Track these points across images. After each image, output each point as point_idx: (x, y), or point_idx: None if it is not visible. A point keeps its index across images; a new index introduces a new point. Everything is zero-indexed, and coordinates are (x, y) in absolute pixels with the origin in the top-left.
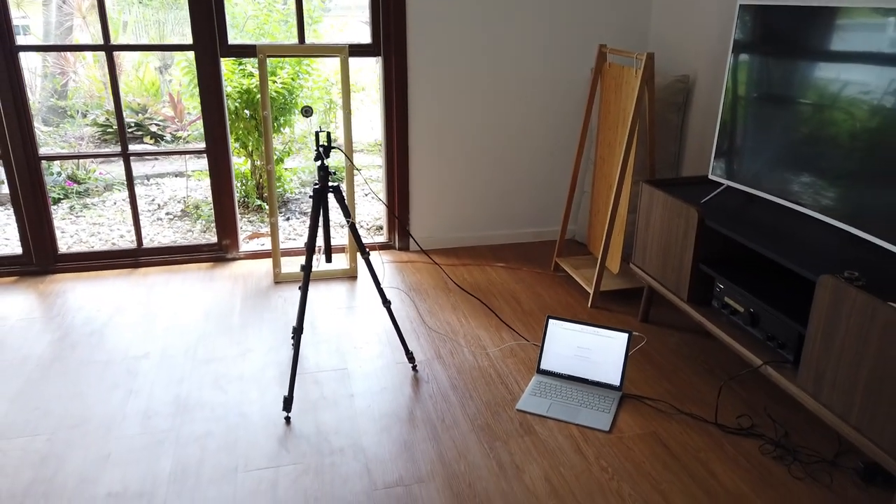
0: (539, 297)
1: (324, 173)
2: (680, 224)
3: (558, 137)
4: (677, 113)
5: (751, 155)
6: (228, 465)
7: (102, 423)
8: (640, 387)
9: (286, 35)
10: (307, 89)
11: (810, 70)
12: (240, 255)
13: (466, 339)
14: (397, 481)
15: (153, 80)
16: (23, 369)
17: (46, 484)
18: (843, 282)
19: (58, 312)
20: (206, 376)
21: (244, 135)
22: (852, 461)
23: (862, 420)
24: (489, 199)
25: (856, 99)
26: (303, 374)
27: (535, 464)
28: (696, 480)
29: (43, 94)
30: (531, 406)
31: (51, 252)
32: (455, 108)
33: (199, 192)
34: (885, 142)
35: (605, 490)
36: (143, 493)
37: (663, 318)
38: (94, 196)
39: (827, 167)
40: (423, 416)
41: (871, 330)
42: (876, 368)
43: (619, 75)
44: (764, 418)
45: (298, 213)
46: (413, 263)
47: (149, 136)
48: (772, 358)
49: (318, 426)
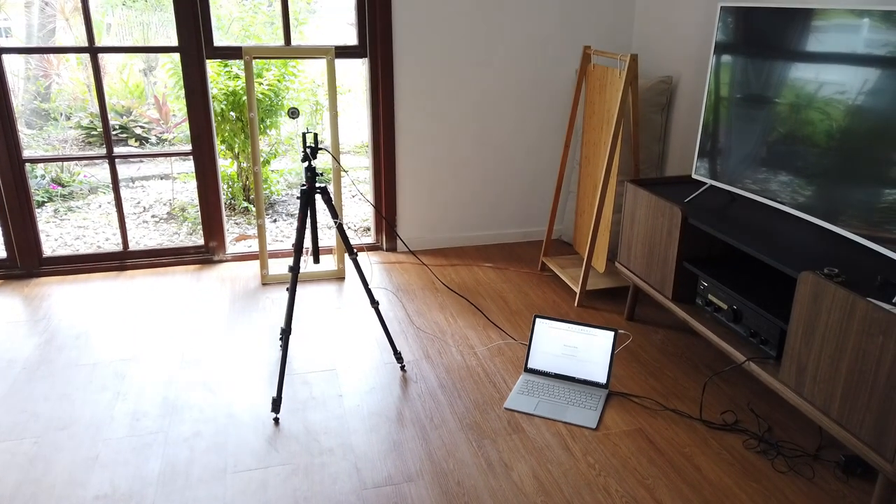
0: (526, 296)
1: (311, 174)
2: (664, 223)
3: (544, 138)
4: (660, 113)
5: (733, 154)
6: (218, 466)
7: (90, 425)
8: (627, 384)
9: (272, 37)
10: (293, 91)
11: (789, 70)
12: (227, 257)
13: (454, 339)
14: (386, 480)
15: (137, 82)
16: (9, 372)
17: (34, 485)
18: (823, 278)
19: (43, 315)
20: (194, 378)
21: (230, 136)
22: (834, 455)
23: (842, 413)
24: (476, 200)
25: (832, 99)
26: (291, 374)
27: (524, 461)
28: (681, 475)
29: (26, 96)
30: (519, 404)
31: (36, 255)
32: (441, 110)
33: (184, 194)
34: (861, 140)
35: (592, 486)
36: (132, 494)
37: (648, 317)
38: (78, 199)
39: (806, 166)
40: (412, 415)
41: (850, 325)
42: (855, 362)
43: (603, 76)
44: (748, 414)
45: (285, 214)
46: (401, 264)
47: (133, 138)
48: (755, 354)
49: (307, 426)
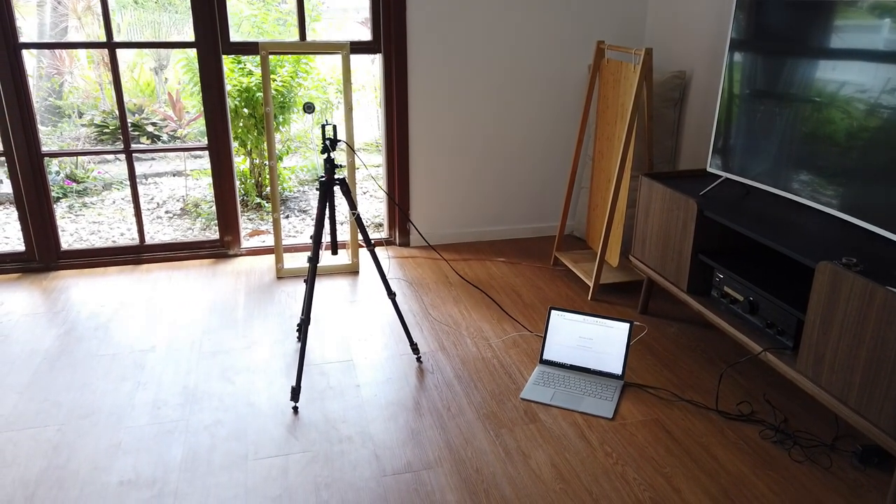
0: (539, 290)
1: (330, 166)
2: (679, 216)
3: (557, 133)
4: (674, 108)
5: (748, 147)
6: (239, 453)
7: (112, 413)
8: (642, 376)
9: (284, 34)
10: (305, 88)
11: (806, 65)
12: (241, 251)
13: (469, 331)
14: (406, 467)
15: (148, 80)
16: (31, 363)
17: (59, 471)
18: (841, 267)
19: (62, 308)
20: (213, 368)
21: (244, 133)
22: (851, 445)
23: (860, 401)
24: (488, 195)
25: (852, 90)
26: (309, 365)
27: (541, 450)
28: (698, 464)
29: (40, 94)
30: (535, 395)
31: (53, 249)
32: (455, 105)
33: (197, 190)
34: (881, 134)
35: (609, 474)
36: (156, 479)
37: (662, 310)
38: (92, 195)
39: (823, 158)
40: (429, 404)
41: (868, 313)
42: (874, 350)
43: (617, 71)
44: (763, 405)
45: (297, 210)
46: (414, 258)
47: (145, 136)
48: (771, 344)
49: (325, 415)
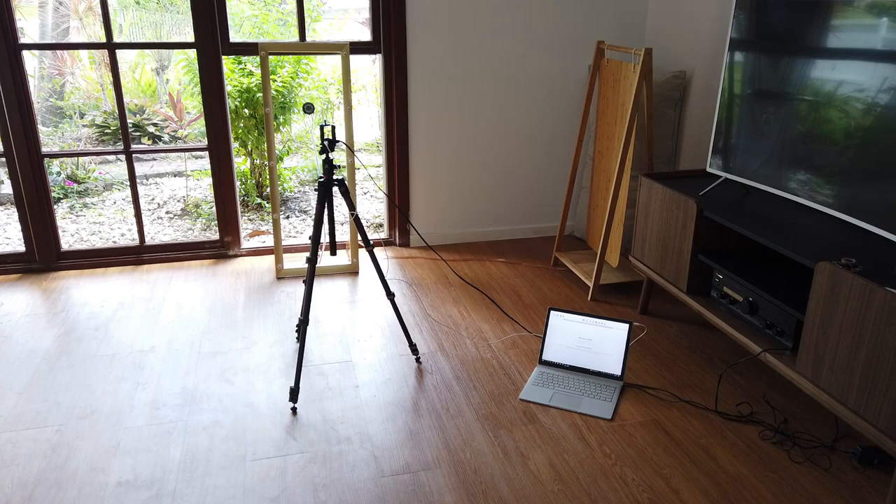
0: (539, 290)
1: (329, 166)
2: (679, 216)
3: (556, 133)
4: (674, 108)
5: (748, 148)
6: (237, 454)
7: (111, 413)
8: (641, 376)
9: (284, 35)
10: (305, 89)
11: (806, 64)
12: (241, 251)
13: (469, 332)
14: (404, 468)
15: (149, 81)
16: (30, 363)
17: (57, 472)
18: (840, 268)
19: (62, 308)
20: (212, 369)
21: (244, 133)
22: (850, 445)
23: (860, 402)
24: (488, 196)
25: (850, 89)
26: (308, 366)
27: (540, 451)
28: (697, 465)
29: (41, 94)
30: (534, 396)
31: (54, 249)
32: (454, 105)
33: (198, 191)
34: (880, 133)
35: (608, 475)
36: (154, 480)
37: (662, 310)
38: (93, 196)
39: (822, 158)
40: (428, 405)
41: (867, 314)
42: (873, 351)
43: (617, 71)
44: (763, 405)
45: (298, 211)
46: (414, 259)
47: (146, 136)
48: (771, 345)
49: (324, 416)
